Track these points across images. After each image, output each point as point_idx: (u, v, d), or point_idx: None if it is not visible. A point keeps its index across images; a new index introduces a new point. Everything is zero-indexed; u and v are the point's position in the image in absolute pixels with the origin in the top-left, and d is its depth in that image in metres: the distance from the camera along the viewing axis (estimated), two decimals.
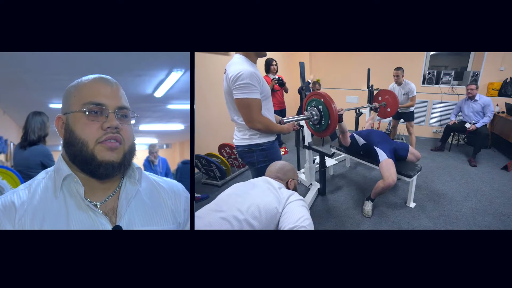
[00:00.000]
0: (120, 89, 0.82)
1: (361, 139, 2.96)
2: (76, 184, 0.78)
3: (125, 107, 0.80)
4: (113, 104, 0.78)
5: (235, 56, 1.70)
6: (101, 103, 0.77)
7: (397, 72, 4.13)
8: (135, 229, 0.81)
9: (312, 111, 2.20)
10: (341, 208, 2.88)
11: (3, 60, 2.94)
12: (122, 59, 3.08)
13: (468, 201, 2.97)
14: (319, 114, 2.17)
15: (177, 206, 0.89)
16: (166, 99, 4.51)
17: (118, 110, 0.78)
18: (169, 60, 3.22)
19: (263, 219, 1.18)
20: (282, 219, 1.20)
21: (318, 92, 2.20)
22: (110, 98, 0.78)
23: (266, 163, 1.69)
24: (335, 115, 2.09)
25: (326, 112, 2.13)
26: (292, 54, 5.80)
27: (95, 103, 0.76)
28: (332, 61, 6.09)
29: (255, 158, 1.79)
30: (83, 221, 0.76)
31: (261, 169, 1.71)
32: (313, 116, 2.20)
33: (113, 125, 0.76)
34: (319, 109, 2.17)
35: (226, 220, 1.14)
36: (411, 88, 4.11)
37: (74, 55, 2.77)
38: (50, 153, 2.40)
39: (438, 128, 5.47)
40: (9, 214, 0.73)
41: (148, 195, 0.86)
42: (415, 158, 2.94)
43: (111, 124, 0.76)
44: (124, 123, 0.80)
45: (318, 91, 2.22)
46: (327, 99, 2.11)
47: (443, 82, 5.25)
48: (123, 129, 0.78)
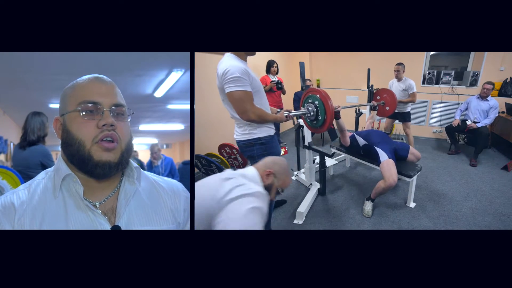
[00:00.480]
0: (115, 87, 0.82)
1: (361, 140, 2.96)
2: (76, 184, 0.78)
3: (120, 104, 0.80)
4: (107, 101, 0.78)
5: (225, 55, 1.76)
6: (95, 101, 0.77)
7: (398, 67, 4.09)
8: (133, 229, 0.80)
9: (309, 107, 2.24)
10: (341, 208, 2.87)
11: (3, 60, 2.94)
12: (122, 59, 3.08)
13: (468, 201, 2.97)
14: (316, 110, 2.21)
15: (176, 206, 0.89)
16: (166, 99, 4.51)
17: (113, 107, 0.78)
18: (169, 60, 3.22)
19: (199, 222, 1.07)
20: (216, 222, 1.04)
21: (315, 88, 2.23)
22: (104, 96, 0.78)
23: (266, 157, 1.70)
24: (331, 110, 2.12)
25: (322, 108, 2.17)
26: (292, 54, 5.80)
27: (89, 101, 0.76)
28: (332, 61, 6.10)
29: (255, 152, 1.84)
30: (82, 221, 0.76)
31: None
32: (310, 112, 2.24)
33: (108, 122, 0.76)
34: (316, 105, 2.20)
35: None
36: (410, 84, 4.08)
37: (74, 55, 2.77)
38: (49, 153, 2.40)
39: (438, 128, 5.46)
40: (8, 214, 0.73)
41: (147, 194, 0.86)
42: (415, 158, 2.93)
43: (107, 121, 0.76)
44: (120, 121, 0.79)
45: (314, 88, 2.26)
46: (323, 94, 2.15)
47: (443, 82, 5.24)
48: (119, 127, 0.78)
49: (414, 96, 4.12)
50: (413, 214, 2.70)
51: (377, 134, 2.97)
